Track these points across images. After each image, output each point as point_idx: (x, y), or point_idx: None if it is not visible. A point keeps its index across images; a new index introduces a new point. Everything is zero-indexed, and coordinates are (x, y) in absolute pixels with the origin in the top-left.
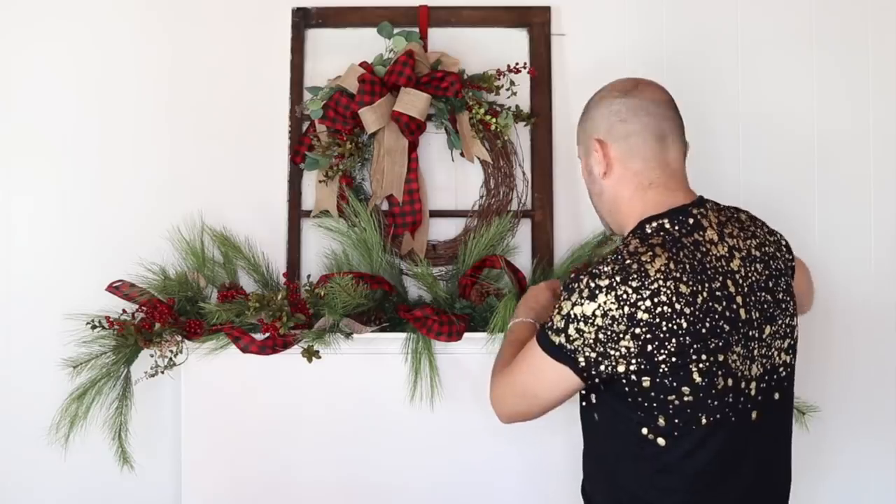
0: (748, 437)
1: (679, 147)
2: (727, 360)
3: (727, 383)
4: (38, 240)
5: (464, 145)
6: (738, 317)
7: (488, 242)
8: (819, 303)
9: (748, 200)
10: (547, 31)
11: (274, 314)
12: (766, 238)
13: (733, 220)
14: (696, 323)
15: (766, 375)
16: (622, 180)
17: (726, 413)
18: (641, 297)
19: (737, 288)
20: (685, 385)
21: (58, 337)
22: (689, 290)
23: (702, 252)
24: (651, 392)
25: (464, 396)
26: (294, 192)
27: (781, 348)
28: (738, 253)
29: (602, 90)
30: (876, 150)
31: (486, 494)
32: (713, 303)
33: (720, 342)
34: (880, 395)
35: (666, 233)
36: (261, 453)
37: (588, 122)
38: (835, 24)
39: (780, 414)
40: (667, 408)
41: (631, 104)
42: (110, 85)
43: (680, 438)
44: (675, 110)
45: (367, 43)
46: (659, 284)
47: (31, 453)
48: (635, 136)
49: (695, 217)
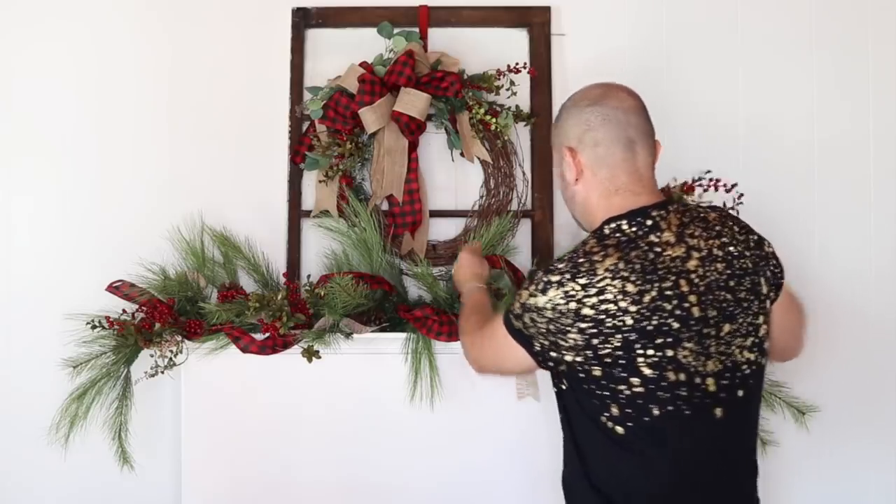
0: (712, 433)
1: (648, 152)
2: (677, 356)
3: (678, 377)
4: (38, 240)
5: (464, 145)
6: (689, 315)
7: (488, 242)
8: (819, 303)
9: (748, 203)
10: (547, 31)
11: (274, 314)
12: (735, 237)
13: (697, 221)
14: (643, 320)
15: (728, 372)
16: (591, 185)
17: (679, 406)
18: (588, 294)
19: (691, 287)
20: (634, 376)
21: (58, 337)
22: (636, 288)
23: (655, 253)
24: (602, 381)
25: (464, 396)
26: (294, 192)
27: (744, 346)
28: (696, 253)
29: (573, 97)
30: (876, 153)
31: (487, 494)
32: (662, 301)
33: (668, 339)
34: (880, 395)
35: (622, 233)
36: (261, 453)
37: (560, 129)
38: (834, 26)
39: (745, 410)
40: (618, 397)
41: (600, 112)
42: (110, 85)
43: (635, 428)
44: (644, 115)
45: (367, 43)
46: (606, 283)
47: (31, 453)
48: (604, 145)
49: (653, 219)
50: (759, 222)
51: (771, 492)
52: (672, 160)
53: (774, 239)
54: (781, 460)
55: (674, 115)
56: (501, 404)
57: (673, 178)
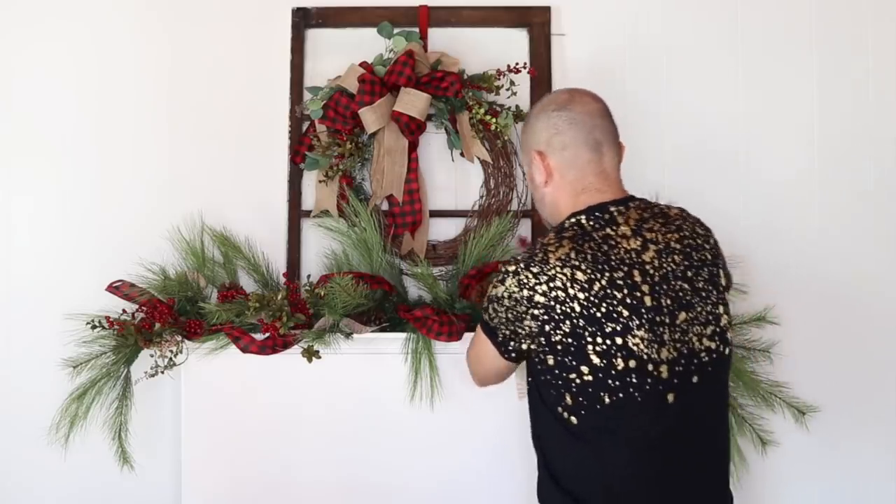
0: (666, 420)
1: (614, 152)
2: (627, 343)
3: (628, 364)
4: (38, 240)
5: (464, 145)
6: (641, 303)
7: (488, 242)
8: (820, 303)
9: (748, 201)
10: (547, 31)
11: (274, 314)
12: (696, 231)
13: (658, 217)
14: (591, 307)
15: (683, 359)
16: (560, 187)
17: (630, 393)
18: (539, 282)
19: (644, 277)
20: (584, 364)
21: (58, 337)
22: (585, 276)
23: (609, 245)
24: (556, 370)
25: (464, 396)
26: (294, 192)
27: (703, 334)
28: (653, 245)
29: (540, 103)
30: (877, 151)
31: (487, 494)
32: (612, 290)
33: (618, 326)
34: (880, 395)
35: (580, 227)
36: (261, 453)
37: (529, 134)
38: (835, 24)
39: (702, 396)
40: (570, 385)
41: (566, 117)
42: (110, 85)
43: (588, 416)
44: (609, 118)
45: (367, 43)
46: (556, 271)
47: (31, 453)
48: (572, 147)
49: (611, 213)
50: (758, 221)
51: (771, 492)
52: (671, 159)
53: (774, 238)
54: (781, 460)
55: (673, 115)
56: (501, 404)
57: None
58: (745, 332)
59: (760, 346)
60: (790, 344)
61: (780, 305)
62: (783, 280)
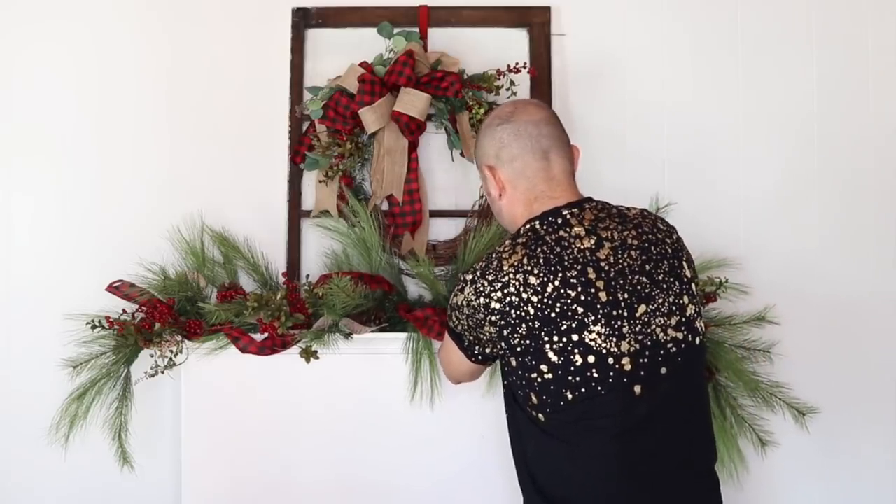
0: (634, 411)
1: (563, 157)
2: (584, 339)
3: (587, 360)
4: (38, 240)
5: (464, 145)
6: (596, 299)
7: (488, 242)
8: (819, 303)
9: (748, 199)
10: (547, 31)
11: (272, 314)
12: (657, 226)
13: (614, 216)
14: (545, 309)
15: (647, 351)
16: (514, 198)
17: (593, 387)
18: (494, 289)
19: (598, 273)
20: (543, 364)
21: (58, 337)
22: (538, 280)
23: (562, 246)
24: (519, 370)
25: (464, 396)
26: (294, 192)
27: (668, 325)
28: (608, 243)
29: (488, 118)
30: (876, 150)
31: (487, 494)
32: (566, 289)
33: (573, 323)
34: (880, 395)
35: (534, 232)
36: (261, 453)
37: (479, 150)
38: (834, 25)
39: (674, 386)
40: (533, 385)
41: (511, 129)
42: (110, 85)
43: (555, 413)
44: (556, 124)
45: (367, 43)
46: (510, 277)
47: (31, 453)
48: (519, 159)
49: (563, 217)
50: (758, 221)
51: (771, 492)
52: (671, 159)
53: (773, 237)
54: (781, 460)
55: (673, 115)
56: (502, 404)
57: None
58: (745, 332)
59: (760, 346)
60: (790, 344)
61: (780, 305)
62: (783, 280)
